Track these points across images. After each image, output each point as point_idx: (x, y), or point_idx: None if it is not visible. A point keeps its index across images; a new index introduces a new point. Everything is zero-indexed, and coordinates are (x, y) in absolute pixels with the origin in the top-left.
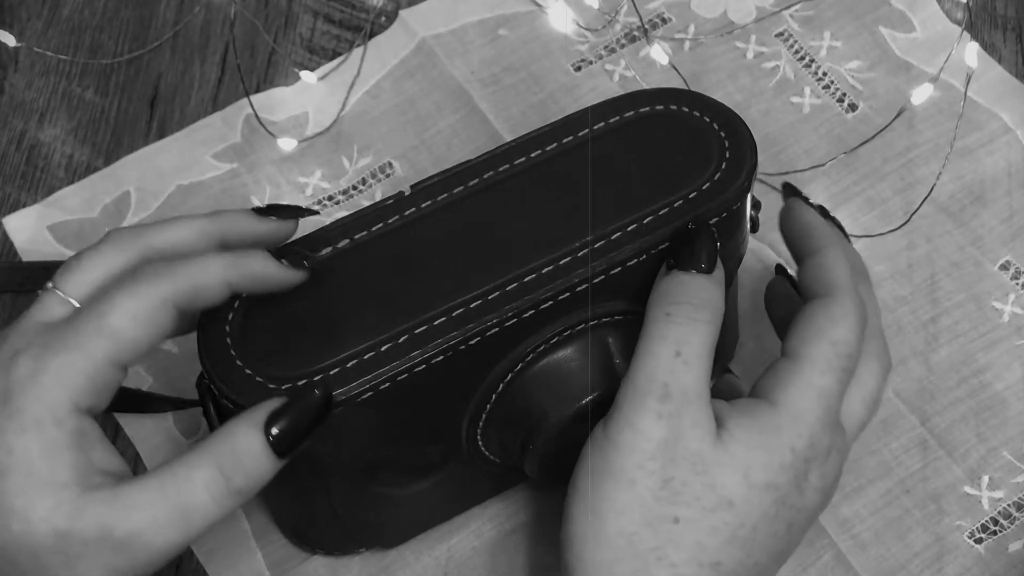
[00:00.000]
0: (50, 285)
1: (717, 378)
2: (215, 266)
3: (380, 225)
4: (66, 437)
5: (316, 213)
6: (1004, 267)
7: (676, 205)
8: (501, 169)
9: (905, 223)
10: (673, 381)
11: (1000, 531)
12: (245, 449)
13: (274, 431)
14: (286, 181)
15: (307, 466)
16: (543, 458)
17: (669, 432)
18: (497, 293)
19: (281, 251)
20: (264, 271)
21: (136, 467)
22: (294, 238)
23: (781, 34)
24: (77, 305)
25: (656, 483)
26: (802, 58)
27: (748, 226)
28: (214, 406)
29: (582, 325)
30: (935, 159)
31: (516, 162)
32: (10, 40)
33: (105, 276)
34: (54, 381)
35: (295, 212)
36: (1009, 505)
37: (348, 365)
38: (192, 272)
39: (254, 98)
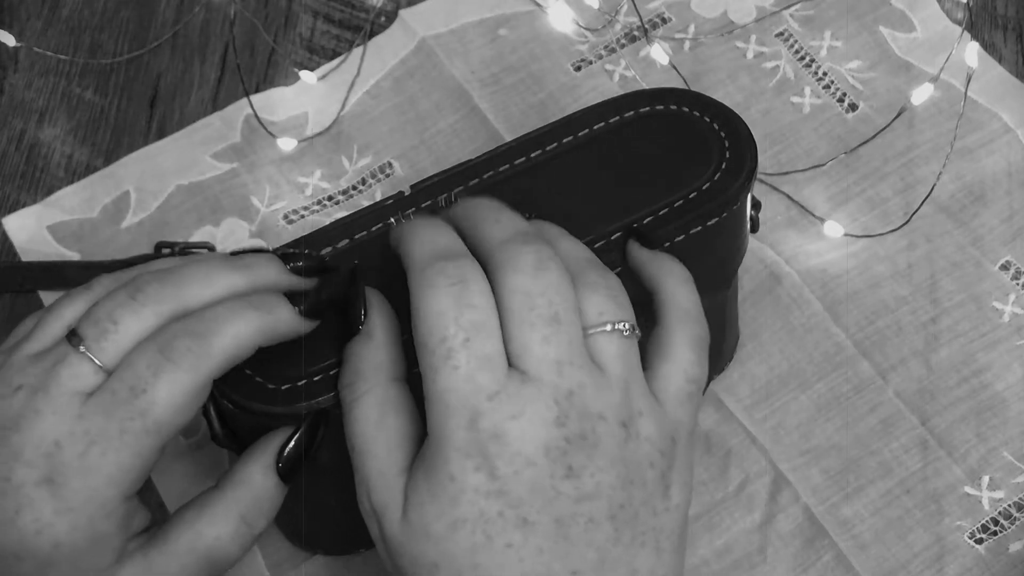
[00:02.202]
0: (82, 348)
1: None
2: (248, 338)
3: (380, 225)
4: (114, 525)
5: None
6: (1004, 267)
7: (676, 205)
8: (501, 169)
9: (905, 223)
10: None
11: (1000, 531)
12: (263, 494)
13: (281, 464)
14: (286, 181)
15: (307, 467)
16: None
17: (378, 526)
18: None
19: (296, 293)
20: (291, 330)
21: None
22: (294, 239)
23: (781, 34)
24: (109, 373)
25: (393, 570)
26: (802, 58)
27: (748, 226)
28: (214, 406)
29: None
30: (935, 159)
31: (516, 162)
32: (10, 40)
33: (139, 340)
34: (106, 482)
35: (320, 264)
36: (1009, 505)
37: None
38: (226, 348)
39: (254, 98)
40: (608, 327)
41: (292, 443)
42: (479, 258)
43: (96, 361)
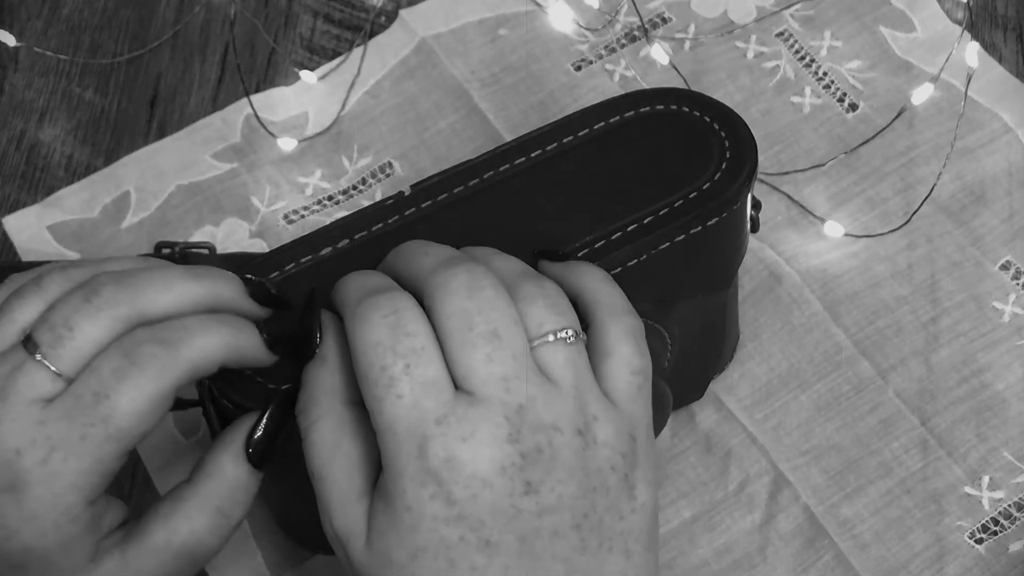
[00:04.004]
0: (38, 356)
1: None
2: (215, 352)
3: (380, 225)
4: (81, 528)
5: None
6: (1004, 267)
7: (676, 205)
8: (501, 169)
9: (905, 223)
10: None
11: (1001, 531)
12: (236, 483)
13: (251, 451)
14: (286, 181)
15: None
16: None
17: (344, 552)
18: None
19: (266, 321)
20: (255, 356)
21: (136, 467)
22: (294, 239)
23: (781, 34)
24: (67, 379)
25: None
26: (802, 58)
27: (748, 226)
28: (213, 406)
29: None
30: (935, 159)
31: (516, 162)
32: (10, 40)
33: (98, 348)
34: (68, 488)
35: (282, 303)
36: (1010, 505)
37: None
38: (194, 360)
39: (254, 98)
40: (551, 337)
41: (260, 428)
42: (413, 292)
43: (53, 369)
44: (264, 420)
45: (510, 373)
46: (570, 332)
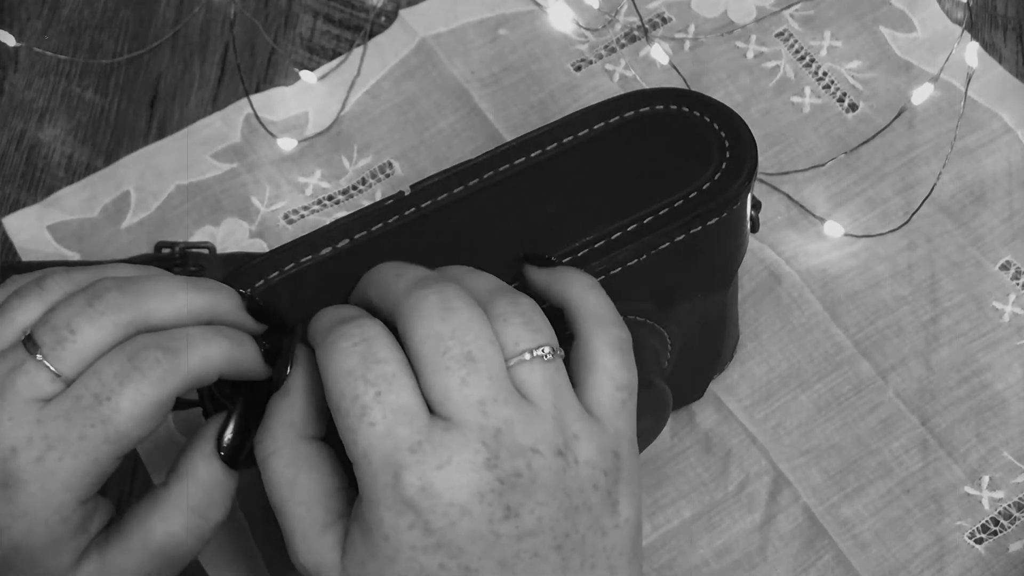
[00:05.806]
0: (39, 356)
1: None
2: (216, 363)
3: (380, 225)
4: (70, 528)
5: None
6: (1004, 267)
7: (676, 205)
8: (501, 169)
9: (905, 223)
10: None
11: (1001, 531)
12: (211, 483)
13: (223, 451)
14: (286, 181)
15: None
16: None
17: None
18: None
19: (264, 334)
20: (253, 369)
21: (136, 467)
22: (293, 239)
23: (781, 34)
24: (66, 381)
25: None
26: (802, 58)
27: (748, 226)
28: (213, 406)
29: None
30: (935, 159)
31: (516, 162)
32: (10, 40)
33: (99, 352)
34: (61, 487)
35: (277, 320)
36: (1009, 505)
37: None
38: (195, 369)
39: (254, 98)
40: (527, 356)
41: (230, 428)
42: (387, 317)
43: (53, 369)
44: (233, 419)
45: (487, 396)
46: (547, 349)
